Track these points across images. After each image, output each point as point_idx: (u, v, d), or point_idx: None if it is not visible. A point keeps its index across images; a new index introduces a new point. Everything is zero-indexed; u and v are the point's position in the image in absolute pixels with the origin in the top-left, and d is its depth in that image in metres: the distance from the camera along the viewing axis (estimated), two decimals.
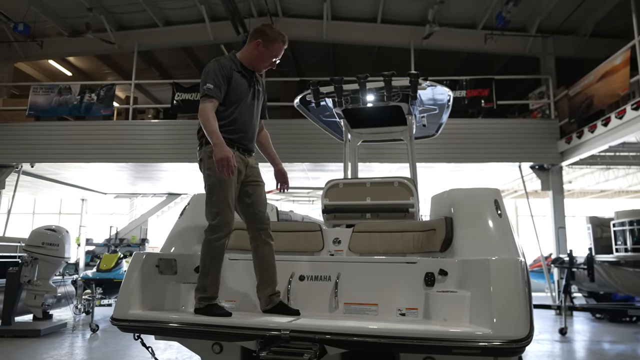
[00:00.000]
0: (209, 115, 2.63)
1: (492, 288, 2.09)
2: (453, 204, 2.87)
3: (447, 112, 4.83)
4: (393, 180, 3.80)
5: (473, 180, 12.74)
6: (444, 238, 2.76)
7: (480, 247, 2.55)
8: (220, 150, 2.54)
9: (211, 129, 2.60)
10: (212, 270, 2.62)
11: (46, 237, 7.22)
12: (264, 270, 2.78)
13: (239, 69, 2.84)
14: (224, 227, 2.64)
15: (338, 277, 2.66)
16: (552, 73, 11.06)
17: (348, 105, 4.54)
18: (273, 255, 2.84)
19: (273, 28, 2.91)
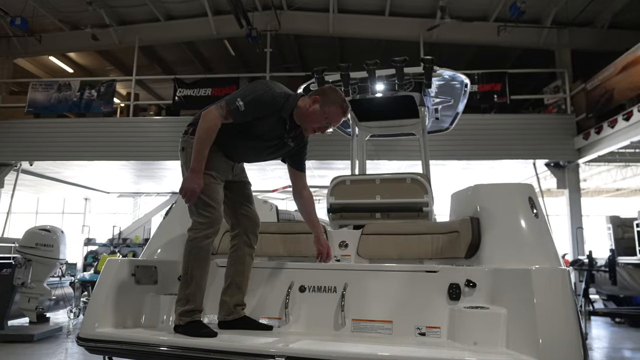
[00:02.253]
0: (211, 134, 2.30)
1: (535, 305, 1.71)
2: (479, 202, 2.47)
3: (463, 101, 4.46)
4: (405, 177, 3.46)
5: (484, 179, 12.34)
6: (470, 242, 2.36)
7: (514, 254, 2.17)
8: (193, 179, 2.27)
9: (202, 152, 2.29)
10: (195, 276, 2.27)
11: (40, 238, 6.91)
12: (238, 274, 2.47)
13: (284, 115, 2.44)
14: (211, 225, 2.31)
15: (345, 288, 2.27)
16: (568, 66, 10.64)
17: (355, 95, 4.20)
18: (251, 261, 2.54)
19: (338, 91, 2.53)
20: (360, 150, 5.00)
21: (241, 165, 2.67)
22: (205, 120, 2.31)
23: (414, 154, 9.53)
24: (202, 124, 2.30)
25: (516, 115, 10.63)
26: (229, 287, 2.46)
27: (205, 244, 2.30)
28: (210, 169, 2.35)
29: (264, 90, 2.39)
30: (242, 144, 2.47)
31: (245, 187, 2.65)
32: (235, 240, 2.54)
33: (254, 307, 2.46)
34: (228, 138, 2.39)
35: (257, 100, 2.35)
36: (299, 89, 4.32)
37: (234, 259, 2.50)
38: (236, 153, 2.52)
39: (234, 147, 2.47)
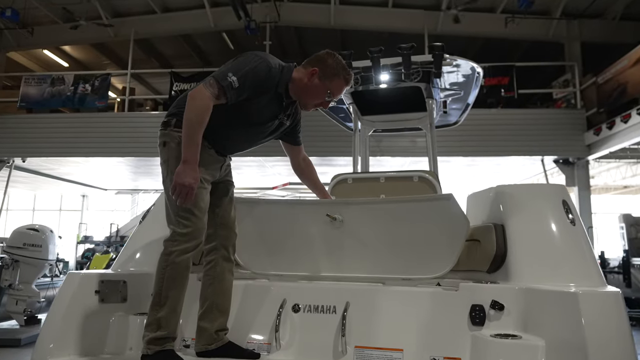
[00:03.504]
0: (203, 116, 1.93)
1: (586, 338, 1.38)
2: (504, 206, 2.12)
3: (474, 93, 4.13)
4: (412, 175, 3.18)
5: (491, 176, 12.04)
6: (495, 253, 2.02)
7: (548, 270, 1.83)
8: (187, 172, 1.90)
9: (195, 138, 1.93)
10: (170, 297, 1.92)
11: (28, 238, 6.63)
12: (219, 294, 2.11)
13: (280, 90, 2.13)
14: (192, 237, 1.97)
15: (346, 308, 1.92)
16: (578, 59, 10.31)
17: (358, 86, 3.87)
18: (232, 279, 2.19)
19: (337, 58, 2.20)
20: (362, 146, 4.67)
21: (229, 160, 2.33)
22: (194, 100, 1.94)
23: (418, 150, 9.29)
24: (191, 104, 1.94)
25: (524, 110, 10.33)
26: (208, 310, 2.09)
27: (183, 260, 1.94)
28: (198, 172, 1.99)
29: (258, 61, 2.05)
30: (234, 131, 2.13)
31: (228, 189, 2.29)
32: (212, 255, 2.17)
33: (238, 330, 2.10)
34: (217, 127, 2.04)
35: (251, 73, 2.00)
36: None
37: (212, 277, 2.13)
38: (227, 144, 2.19)
39: (224, 137, 2.13)
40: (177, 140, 2.02)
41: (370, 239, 2.16)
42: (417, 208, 2.07)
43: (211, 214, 2.16)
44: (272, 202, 2.41)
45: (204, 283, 2.15)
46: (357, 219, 2.16)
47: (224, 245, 2.18)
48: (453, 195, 1.93)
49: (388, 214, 2.14)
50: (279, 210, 2.33)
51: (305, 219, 2.24)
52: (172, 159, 2.03)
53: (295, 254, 2.27)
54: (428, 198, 2.28)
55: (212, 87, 1.95)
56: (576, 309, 1.45)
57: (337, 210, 2.16)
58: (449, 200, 1.93)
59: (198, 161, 1.94)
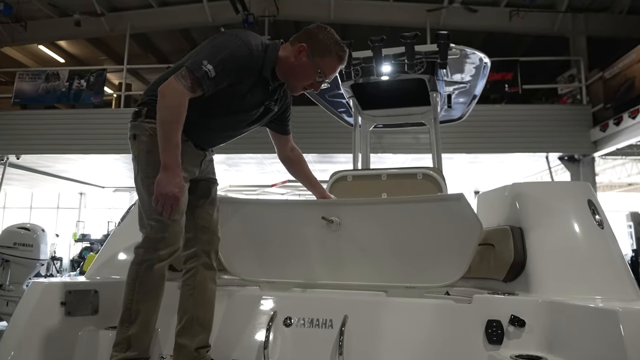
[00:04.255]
0: (179, 113, 1.70)
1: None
2: (522, 206, 1.90)
3: (480, 86, 3.93)
4: (416, 172, 2.97)
5: (494, 173, 11.84)
6: (513, 260, 1.80)
7: (575, 279, 1.63)
8: (169, 180, 1.68)
9: (173, 139, 1.69)
10: (142, 312, 1.70)
11: (19, 237, 6.45)
12: (200, 307, 1.88)
13: (265, 74, 1.89)
14: (168, 243, 1.75)
15: (344, 322, 1.70)
16: (584, 54, 10.10)
17: (358, 78, 3.67)
18: (215, 288, 1.96)
19: (329, 32, 1.97)
20: (363, 142, 4.48)
21: (211, 155, 2.11)
22: (165, 97, 1.72)
23: (420, 146, 9.11)
24: (162, 103, 1.72)
25: (528, 106, 10.11)
26: (188, 325, 1.85)
27: (156, 270, 1.72)
28: None
29: (237, 43, 1.80)
30: (214, 121, 1.91)
31: (210, 188, 2.06)
32: (191, 263, 1.94)
33: (222, 346, 1.87)
34: (196, 118, 1.82)
35: (230, 59, 1.75)
36: None
37: (192, 287, 1.90)
38: (207, 136, 1.96)
39: (204, 129, 1.91)
40: (148, 132, 1.80)
41: (371, 243, 1.96)
42: (424, 209, 1.87)
43: (190, 216, 1.94)
44: (262, 202, 2.21)
45: (182, 294, 1.92)
46: (356, 221, 1.96)
47: (205, 251, 1.95)
48: (464, 195, 1.73)
49: (391, 216, 1.94)
50: (271, 211, 2.13)
51: (300, 221, 2.03)
52: (142, 154, 1.82)
53: (289, 259, 2.06)
54: (436, 198, 2.07)
55: (185, 79, 1.72)
56: (616, 329, 1.24)
57: (334, 212, 1.96)
58: (460, 200, 1.73)
59: (180, 165, 1.71)
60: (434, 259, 1.86)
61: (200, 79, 1.72)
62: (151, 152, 1.77)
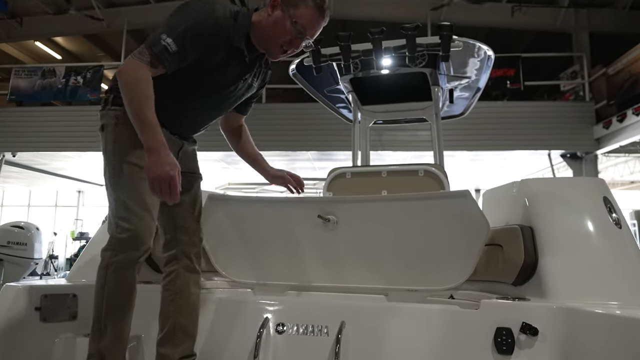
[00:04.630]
0: (144, 90, 1.53)
1: None
2: (533, 204, 1.77)
3: (483, 80, 3.83)
4: (417, 169, 2.87)
5: (495, 171, 11.75)
6: (523, 262, 1.67)
7: (591, 283, 1.50)
8: (159, 161, 1.51)
9: (148, 119, 1.53)
10: (113, 322, 1.55)
11: (13, 236, 6.35)
12: (182, 313, 1.75)
13: (238, 44, 1.71)
14: (138, 243, 1.59)
15: (341, 328, 1.58)
16: (587, 50, 10.01)
17: (357, 72, 3.56)
18: (199, 292, 1.82)
19: None
20: (363, 139, 4.36)
21: (192, 146, 1.94)
22: (121, 76, 1.56)
23: (421, 143, 9.02)
24: (122, 82, 1.57)
25: (530, 102, 10.02)
26: (170, 333, 1.72)
27: (127, 273, 1.57)
28: (141, 157, 1.59)
29: (200, 12, 1.62)
30: (191, 104, 1.75)
31: (191, 183, 1.91)
32: (172, 266, 1.80)
33: (208, 354, 1.75)
34: (168, 101, 1.66)
35: (192, 30, 1.59)
36: (292, 64, 3.69)
37: (173, 292, 1.76)
38: (185, 121, 1.80)
39: (180, 114, 1.75)
40: (114, 120, 1.66)
41: (370, 243, 1.84)
42: (427, 206, 1.75)
43: (169, 215, 1.81)
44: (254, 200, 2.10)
45: (163, 299, 1.78)
46: (355, 220, 1.84)
47: (185, 253, 1.81)
48: (469, 192, 1.61)
49: (391, 214, 1.82)
50: (263, 209, 2.01)
51: (294, 219, 1.92)
52: (109, 145, 1.67)
53: (283, 260, 1.95)
54: (440, 195, 1.94)
55: (144, 56, 1.57)
56: None
57: (331, 210, 1.84)
58: (465, 197, 1.61)
59: (165, 143, 1.54)
60: (438, 260, 1.75)
61: (159, 54, 1.56)
62: (118, 141, 1.64)
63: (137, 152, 1.62)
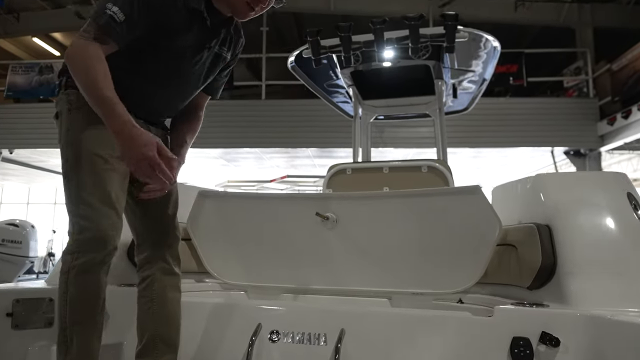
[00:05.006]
0: (93, 65, 1.35)
1: None
2: (550, 200, 1.64)
3: (489, 73, 3.72)
4: (421, 164, 2.77)
5: (497, 168, 11.63)
6: (541, 264, 1.53)
7: (618, 287, 1.37)
8: (130, 145, 1.34)
9: (108, 99, 1.34)
10: (79, 333, 1.39)
11: (7, 234, 6.26)
12: (162, 322, 1.58)
13: (197, 5, 1.52)
14: (101, 244, 1.41)
15: (341, 337, 1.44)
16: (590, 46, 9.89)
17: (358, 65, 3.44)
18: (179, 297, 1.66)
19: None
20: (364, 135, 4.25)
21: (164, 134, 1.74)
22: (71, 59, 1.38)
23: (422, 140, 8.92)
24: (70, 65, 1.39)
25: (533, 99, 9.88)
26: (149, 345, 1.55)
27: (91, 277, 1.40)
28: (99, 145, 1.43)
29: None
30: (153, 81, 1.55)
31: None
32: (146, 270, 1.62)
33: None
34: (127, 81, 1.47)
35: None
36: (291, 56, 3.59)
37: (150, 299, 1.60)
38: (150, 103, 1.59)
39: (142, 94, 1.55)
40: (67, 106, 1.49)
41: (372, 243, 1.73)
42: (433, 203, 1.63)
43: (140, 212, 1.63)
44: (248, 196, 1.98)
45: (140, 308, 1.62)
46: (356, 218, 1.72)
47: (160, 254, 1.63)
48: (480, 188, 1.49)
49: (395, 211, 1.70)
50: (258, 206, 1.88)
51: (291, 217, 1.80)
52: (63, 134, 1.49)
53: (278, 261, 1.83)
54: (448, 191, 1.81)
55: (89, 32, 1.38)
56: None
57: (330, 207, 1.72)
58: (476, 193, 1.49)
59: (132, 121, 1.35)
60: (445, 261, 1.63)
61: (105, 26, 1.37)
62: (72, 129, 1.45)
63: (96, 140, 1.44)
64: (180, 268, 1.68)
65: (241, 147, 9.65)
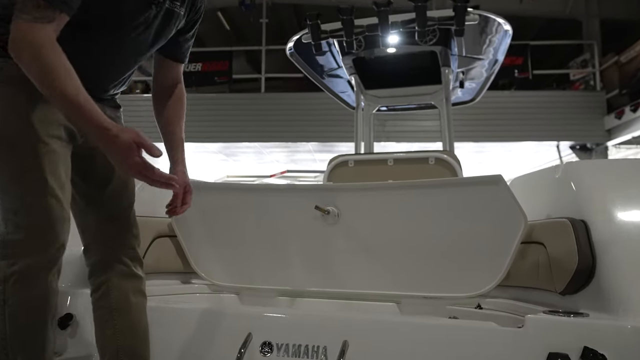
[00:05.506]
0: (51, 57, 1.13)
1: None
2: (584, 191, 1.43)
3: (500, 59, 3.56)
4: (428, 156, 2.64)
5: (501, 163, 11.48)
6: (577, 266, 1.32)
7: None
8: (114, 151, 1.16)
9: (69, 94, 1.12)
10: (23, 349, 1.17)
11: None
12: (126, 334, 1.34)
13: None
14: (44, 241, 1.19)
15: (344, 350, 1.23)
16: (597, 38, 9.75)
17: (361, 51, 3.28)
18: (144, 302, 1.42)
19: None
20: (366, 127, 4.09)
21: (115, 112, 1.51)
22: (16, 50, 1.14)
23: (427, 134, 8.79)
24: (18, 58, 1.14)
25: (538, 92, 9.71)
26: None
27: (36, 284, 1.17)
28: (35, 123, 1.20)
29: None
30: (97, 44, 1.31)
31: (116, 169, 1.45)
32: (99, 275, 1.38)
33: None
34: (66, 48, 1.18)
35: None
36: (290, 42, 3.42)
37: (108, 309, 1.35)
38: (95, 72, 1.33)
39: (86, 63, 1.26)
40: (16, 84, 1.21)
41: (378, 240, 1.54)
42: (448, 196, 1.44)
43: (84, 205, 1.39)
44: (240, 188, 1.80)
45: (96, 321, 1.37)
46: (360, 212, 1.54)
47: (115, 254, 1.38)
48: (502, 178, 1.30)
49: (404, 205, 1.51)
50: (251, 199, 1.70)
51: (287, 211, 1.61)
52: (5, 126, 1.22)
53: (274, 260, 1.65)
54: (465, 181, 1.61)
55: (30, 12, 1.11)
56: None
57: (331, 200, 1.54)
58: (497, 184, 1.30)
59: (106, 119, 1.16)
60: (462, 260, 1.44)
61: None
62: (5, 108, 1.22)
63: (31, 117, 1.20)
64: (142, 269, 1.44)
65: (240, 141, 9.52)
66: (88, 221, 1.40)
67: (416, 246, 1.49)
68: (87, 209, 1.40)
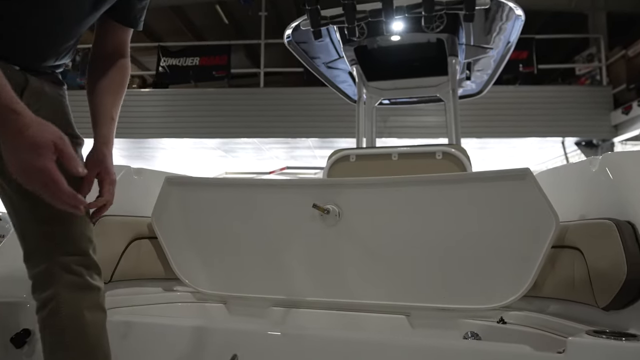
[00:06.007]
0: None
1: None
2: (630, 188, 1.22)
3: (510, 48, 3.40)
4: (434, 150, 2.50)
5: (504, 160, 11.38)
6: (626, 277, 1.11)
7: None
8: (13, 146, 0.90)
9: None
10: None
11: None
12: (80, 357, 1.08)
13: None
14: None
15: None
16: (604, 31, 9.62)
17: (363, 39, 3.10)
18: (103, 317, 1.16)
19: None
20: (368, 121, 3.92)
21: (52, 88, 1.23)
22: None
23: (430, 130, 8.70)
24: None
25: (543, 87, 9.56)
26: None
27: None
28: None
29: None
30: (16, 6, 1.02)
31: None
32: (46, 289, 1.11)
33: None
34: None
35: None
36: (288, 29, 3.23)
37: (58, 329, 1.09)
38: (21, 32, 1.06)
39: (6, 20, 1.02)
40: None
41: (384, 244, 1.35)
42: (465, 193, 1.26)
43: (19, 204, 1.13)
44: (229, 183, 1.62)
45: (46, 344, 1.11)
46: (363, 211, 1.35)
47: (64, 264, 1.11)
48: (530, 172, 1.12)
49: (414, 203, 1.32)
50: (241, 196, 1.51)
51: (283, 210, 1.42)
52: None
53: (267, 266, 1.46)
54: (485, 176, 1.42)
55: None
56: None
57: (331, 197, 1.35)
58: (524, 179, 1.12)
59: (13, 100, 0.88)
60: (481, 267, 1.25)
61: None
62: None
63: None
64: (101, 278, 1.18)
65: (239, 137, 9.40)
66: (26, 223, 1.16)
67: (428, 250, 1.30)
68: (19, 207, 1.15)
